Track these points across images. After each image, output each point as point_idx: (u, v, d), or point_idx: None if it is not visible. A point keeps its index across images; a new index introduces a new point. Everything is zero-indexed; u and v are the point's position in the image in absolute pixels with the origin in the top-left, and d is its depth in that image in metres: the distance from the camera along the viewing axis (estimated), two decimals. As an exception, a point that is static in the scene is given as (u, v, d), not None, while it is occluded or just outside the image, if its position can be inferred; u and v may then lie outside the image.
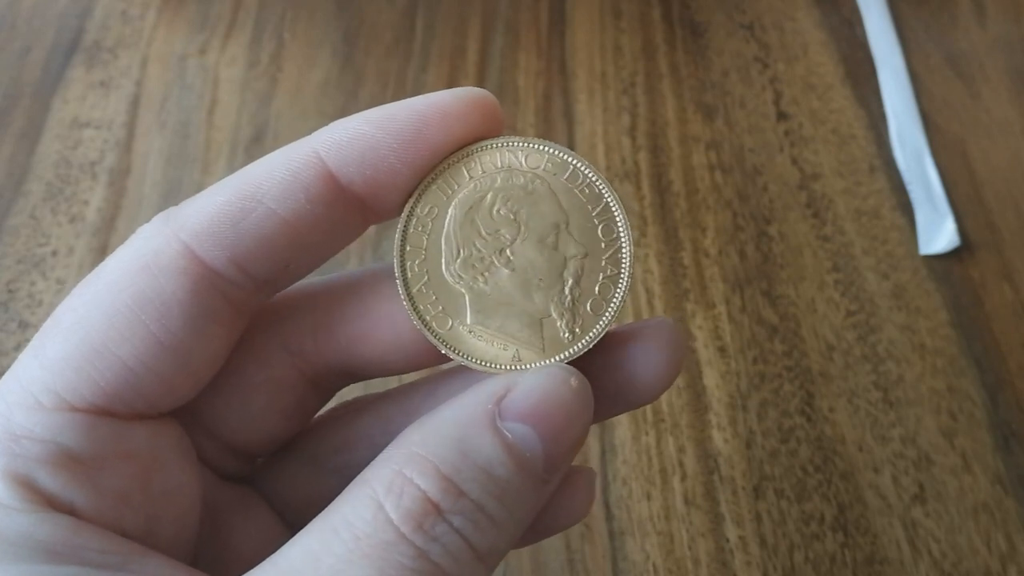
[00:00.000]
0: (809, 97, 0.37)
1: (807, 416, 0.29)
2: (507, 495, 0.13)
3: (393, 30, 0.39)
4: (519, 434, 0.13)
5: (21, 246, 0.32)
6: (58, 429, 0.13)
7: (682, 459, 0.28)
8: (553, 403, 0.13)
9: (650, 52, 0.38)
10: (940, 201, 0.33)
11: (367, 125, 0.15)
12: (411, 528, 0.12)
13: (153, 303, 0.14)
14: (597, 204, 0.16)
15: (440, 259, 0.15)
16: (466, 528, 0.12)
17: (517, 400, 0.13)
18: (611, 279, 0.16)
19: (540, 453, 0.13)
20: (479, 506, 0.13)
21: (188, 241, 0.14)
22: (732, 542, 0.26)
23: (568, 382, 0.14)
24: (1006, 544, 0.26)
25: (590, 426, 0.14)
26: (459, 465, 0.13)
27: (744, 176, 0.34)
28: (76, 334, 0.14)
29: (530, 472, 0.13)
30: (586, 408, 0.14)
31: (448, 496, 0.12)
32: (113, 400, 0.14)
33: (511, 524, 0.13)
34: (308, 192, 0.14)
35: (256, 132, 0.35)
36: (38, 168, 0.34)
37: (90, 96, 0.36)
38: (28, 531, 0.12)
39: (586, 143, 0.35)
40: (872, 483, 0.27)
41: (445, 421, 0.13)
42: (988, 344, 0.30)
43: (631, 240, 0.16)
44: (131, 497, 0.14)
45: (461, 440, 0.13)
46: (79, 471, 0.13)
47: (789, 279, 0.32)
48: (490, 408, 0.13)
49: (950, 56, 0.38)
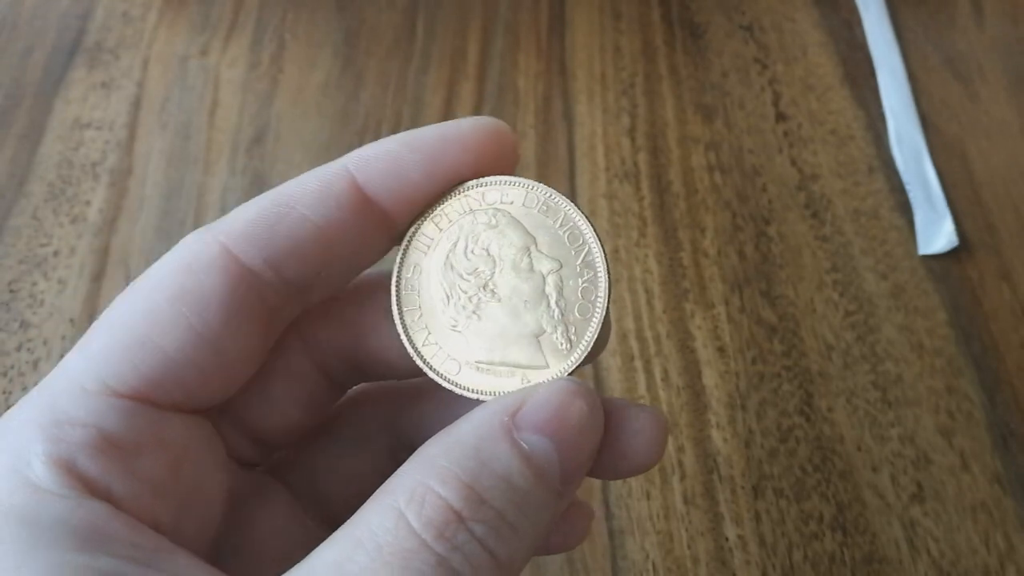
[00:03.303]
0: (808, 98, 0.37)
1: (806, 416, 0.29)
2: (526, 505, 0.13)
3: (394, 31, 0.39)
4: (535, 445, 0.14)
5: (23, 246, 0.32)
6: (100, 414, 0.14)
7: (681, 458, 0.28)
8: (566, 415, 0.14)
9: (650, 53, 0.38)
10: (939, 201, 0.34)
11: (394, 144, 0.16)
12: (433, 536, 0.12)
13: (193, 297, 0.15)
14: (557, 216, 0.17)
15: (434, 310, 0.16)
16: (487, 537, 0.13)
17: (531, 412, 0.14)
18: (590, 281, 0.16)
19: (556, 464, 0.14)
20: (500, 515, 0.13)
21: (226, 242, 0.15)
22: (731, 541, 0.26)
23: (579, 394, 0.14)
24: (1004, 543, 0.27)
25: (600, 439, 0.15)
26: (479, 474, 0.13)
27: (743, 177, 0.35)
28: (119, 328, 0.15)
29: (547, 483, 0.13)
30: (597, 420, 0.14)
31: (470, 504, 0.13)
32: (154, 387, 0.14)
33: (530, 534, 0.13)
34: (338, 200, 0.15)
35: (257, 133, 0.36)
36: (40, 169, 0.34)
37: (91, 97, 0.36)
38: (63, 517, 0.13)
39: (586, 144, 0.35)
40: (871, 482, 0.28)
41: (463, 433, 0.14)
42: (986, 344, 0.30)
43: (598, 239, 0.16)
44: (164, 487, 0.14)
45: (480, 450, 0.13)
46: (118, 456, 0.14)
47: (788, 279, 0.32)
48: (506, 420, 0.14)
49: (948, 57, 0.38)
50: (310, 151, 0.35)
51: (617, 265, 0.32)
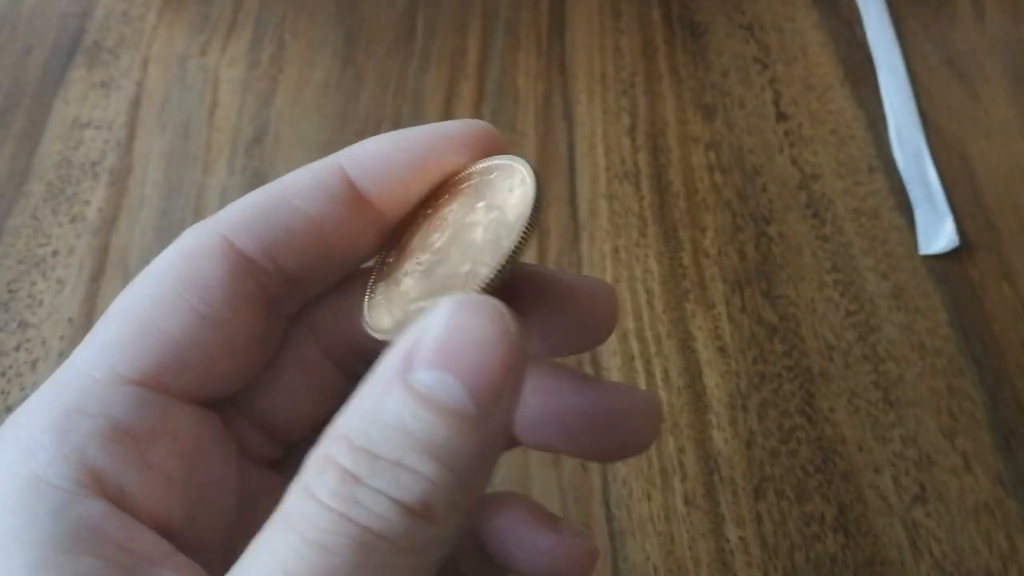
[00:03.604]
0: (808, 98, 0.37)
1: (807, 416, 0.29)
2: (432, 446, 0.12)
3: (394, 31, 0.39)
4: (431, 381, 0.12)
5: (22, 246, 0.32)
6: (110, 403, 0.14)
7: (682, 459, 0.28)
8: (462, 336, 0.13)
9: (650, 53, 0.38)
10: (939, 201, 0.34)
11: (384, 142, 0.16)
12: (329, 496, 0.12)
13: (195, 283, 0.15)
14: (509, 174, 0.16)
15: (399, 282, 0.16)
16: (388, 487, 0.12)
17: (423, 347, 0.13)
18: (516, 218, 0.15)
19: (462, 392, 0.12)
20: (397, 463, 0.12)
21: (224, 232, 0.15)
22: (732, 543, 0.26)
23: (466, 309, 0.13)
24: (1007, 544, 0.26)
25: (520, 343, 0.13)
26: (370, 431, 0.12)
27: (743, 176, 0.34)
28: (125, 317, 0.15)
29: (456, 415, 0.12)
30: (500, 325, 0.13)
31: (362, 463, 0.12)
32: (163, 371, 0.15)
33: (450, 473, 0.12)
34: (330, 194, 0.16)
35: (257, 132, 0.35)
36: (39, 168, 0.34)
37: (91, 96, 0.36)
38: (58, 512, 0.13)
39: (586, 144, 0.35)
40: (873, 483, 0.27)
41: (361, 396, 0.13)
42: (988, 344, 0.30)
43: (533, 175, 0.15)
44: (177, 479, 0.14)
45: (372, 409, 0.13)
46: (130, 446, 0.14)
47: (789, 279, 0.32)
48: (400, 366, 0.13)
49: (949, 57, 0.38)
50: (310, 151, 0.35)
51: (617, 265, 0.32)
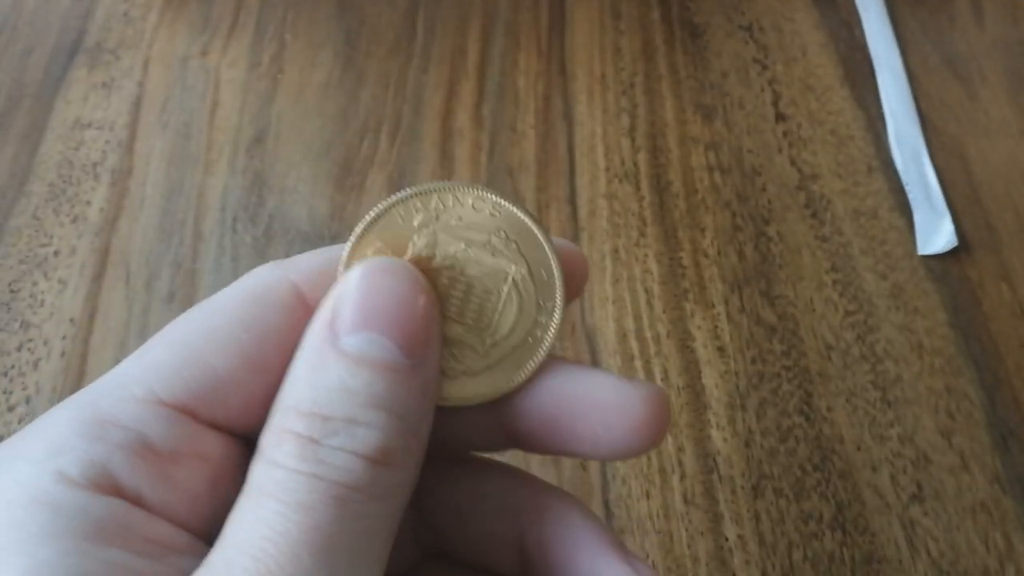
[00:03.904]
0: (808, 98, 0.37)
1: (806, 415, 0.29)
2: (375, 398, 0.13)
3: (394, 31, 0.39)
4: (360, 343, 0.13)
5: (23, 246, 0.32)
6: (142, 420, 0.14)
7: (681, 458, 0.28)
8: (378, 298, 0.14)
9: (649, 53, 0.38)
10: (938, 201, 0.34)
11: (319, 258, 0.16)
12: (295, 461, 0.13)
13: (254, 327, 0.15)
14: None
15: None
16: (346, 443, 0.13)
17: (344, 315, 0.14)
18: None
19: (391, 346, 0.14)
20: (350, 419, 0.13)
21: (296, 280, 0.15)
22: (731, 541, 0.26)
23: (374, 270, 0.14)
24: (1004, 543, 0.27)
25: (428, 291, 0.14)
26: (315, 398, 0.13)
27: (743, 177, 0.35)
28: (177, 343, 0.15)
29: (390, 367, 0.13)
30: (411, 280, 0.14)
31: (315, 425, 0.13)
32: (198, 401, 0.15)
33: (397, 419, 0.13)
34: None
35: (258, 133, 0.36)
36: (40, 169, 0.34)
37: (92, 97, 0.37)
38: (83, 507, 0.13)
39: (585, 144, 0.35)
40: (870, 482, 0.28)
41: (296, 369, 0.14)
42: (986, 344, 0.30)
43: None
44: (202, 499, 0.15)
45: (310, 378, 0.14)
46: (156, 463, 0.14)
47: (788, 279, 0.32)
48: (326, 335, 0.14)
49: (948, 57, 0.38)
50: (311, 151, 0.35)
51: (617, 265, 0.32)
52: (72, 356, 0.30)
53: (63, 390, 0.29)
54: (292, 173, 0.34)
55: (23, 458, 0.14)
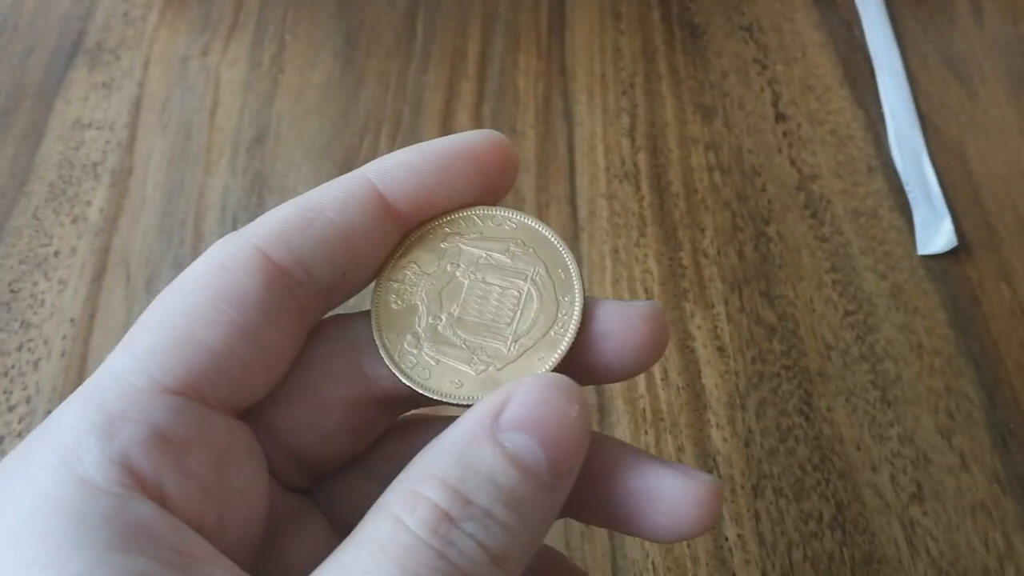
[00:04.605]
0: (807, 98, 0.37)
1: (805, 415, 0.29)
2: (515, 501, 0.14)
3: (394, 31, 0.39)
4: (519, 443, 0.14)
5: (24, 246, 0.32)
6: (151, 410, 0.14)
7: (681, 458, 0.28)
8: (548, 410, 0.14)
9: (649, 53, 0.38)
10: (938, 201, 0.34)
11: (409, 154, 0.17)
12: (428, 533, 0.13)
13: (232, 296, 0.15)
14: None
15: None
16: (478, 533, 0.13)
17: (512, 412, 0.14)
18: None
19: (543, 459, 0.14)
20: (488, 512, 0.13)
21: (259, 244, 0.16)
22: (731, 540, 0.26)
23: (557, 388, 0.15)
24: (1004, 543, 0.27)
25: (591, 427, 0.15)
26: (463, 476, 0.14)
27: (743, 177, 0.35)
28: (163, 327, 0.15)
29: (536, 478, 0.14)
30: (582, 411, 0.15)
31: (456, 504, 0.13)
32: (203, 381, 0.15)
33: (524, 529, 0.14)
34: (362, 205, 0.17)
35: (258, 133, 0.36)
36: (40, 169, 0.34)
37: (92, 97, 0.37)
38: (108, 515, 0.13)
39: (585, 144, 0.35)
40: (870, 482, 0.28)
41: (448, 442, 0.14)
42: (986, 344, 0.30)
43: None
44: (211, 486, 0.15)
45: (464, 454, 0.14)
46: (170, 452, 0.14)
47: (787, 279, 0.32)
48: (488, 423, 0.14)
49: (948, 57, 0.38)
50: (311, 151, 0.35)
51: (617, 265, 0.32)
52: (72, 356, 0.30)
53: (63, 390, 0.29)
54: (292, 173, 0.34)
55: (40, 466, 0.14)
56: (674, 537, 0.16)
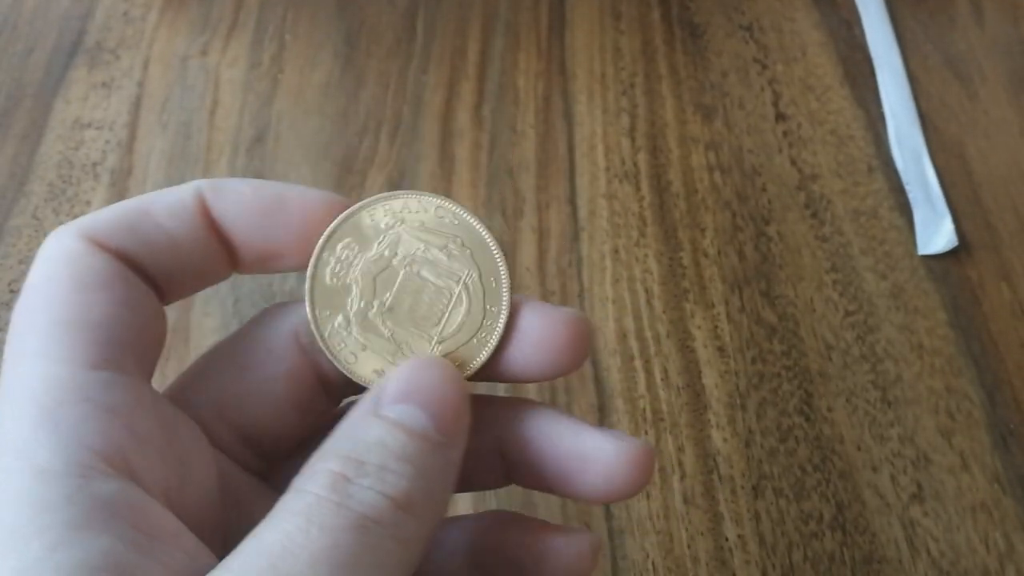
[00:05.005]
0: (808, 98, 0.37)
1: (806, 415, 0.29)
2: (407, 456, 0.15)
3: (394, 31, 0.39)
4: (401, 412, 0.15)
5: (23, 246, 0.32)
6: (86, 387, 0.15)
7: (681, 458, 0.28)
8: (424, 380, 0.16)
9: (649, 53, 0.38)
10: (938, 201, 0.34)
11: (244, 184, 0.17)
12: (327, 491, 0.14)
13: (89, 276, 0.15)
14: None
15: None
16: (376, 484, 0.14)
17: (391, 388, 0.16)
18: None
19: (427, 420, 0.15)
20: (382, 466, 0.14)
21: (89, 234, 0.16)
22: (731, 541, 0.26)
23: (428, 364, 0.16)
24: (1004, 543, 0.27)
25: (466, 388, 0.16)
26: (355, 447, 0.15)
27: (743, 177, 0.35)
28: (43, 320, 0.15)
29: (424, 438, 0.15)
30: (451, 374, 0.16)
31: (350, 466, 0.14)
32: (111, 352, 0.15)
33: (423, 479, 0.15)
34: (189, 213, 0.17)
35: (258, 133, 0.36)
36: (40, 169, 0.34)
37: (92, 97, 0.37)
38: (70, 495, 0.13)
39: (585, 144, 0.35)
40: (870, 482, 0.28)
41: (340, 428, 0.15)
42: (986, 344, 0.30)
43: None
44: (165, 451, 0.15)
45: (353, 433, 0.15)
46: (120, 421, 0.14)
47: (788, 279, 0.32)
48: (371, 406, 0.16)
49: (948, 57, 0.38)
50: (310, 151, 0.35)
51: (617, 265, 0.32)
52: (72, 356, 0.30)
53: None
54: (292, 173, 0.34)
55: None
56: (609, 497, 0.17)
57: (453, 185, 0.34)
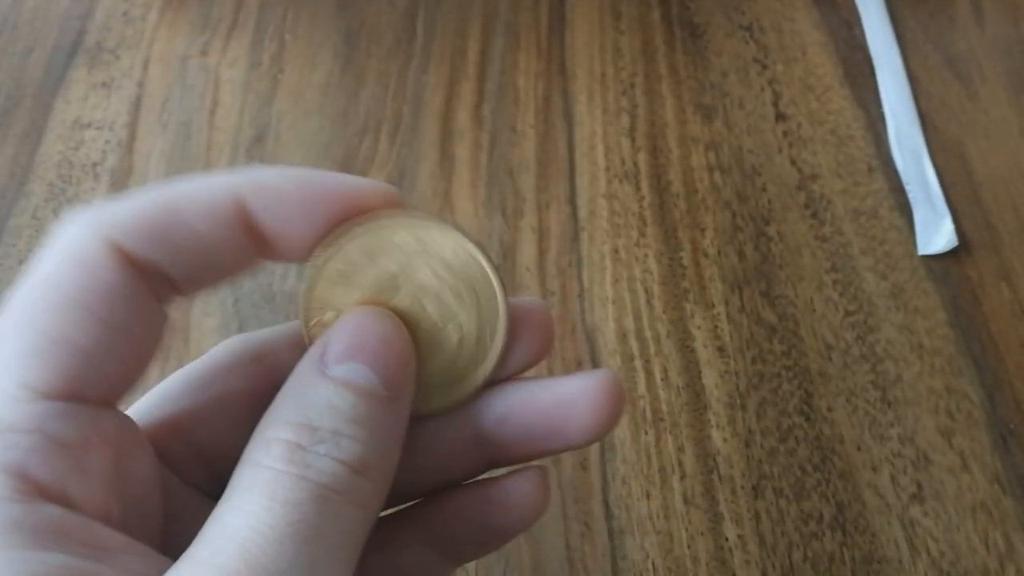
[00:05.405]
0: (808, 98, 0.37)
1: (806, 415, 0.29)
2: (359, 417, 0.15)
3: (394, 31, 0.39)
4: (348, 371, 0.15)
5: (23, 246, 0.32)
6: (41, 418, 0.14)
7: (681, 458, 0.28)
8: (365, 335, 0.16)
9: (649, 53, 0.38)
10: (938, 201, 0.34)
11: (283, 178, 0.17)
12: (284, 464, 0.14)
13: (95, 291, 0.15)
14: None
15: None
16: (332, 451, 0.14)
17: (334, 347, 0.16)
18: None
19: (374, 377, 0.15)
20: (335, 431, 0.14)
21: (115, 238, 0.15)
22: (731, 541, 0.26)
23: (366, 315, 0.16)
24: (1004, 543, 0.27)
25: (407, 337, 0.16)
26: (304, 412, 0.15)
27: (743, 177, 0.35)
28: (28, 330, 0.15)
29: (372, 395, 0.15)
30: (394, 325, 0.16)
31: (304, 433, 0.14)
32: (80, 383, 0.15)
33: (375, 439, 0.15)
34: (224, 215, 0.16)
35: (258, 133, 0.36)
36: (40, 169, 0.34)
37: (92, 97, 0.37)
38: (18, 519, 0.13)
39: (585, 144, 0.35)
40: (870, 482, 0.28)
41: (285, 392, 0.15)
42: (986, 344, 0.30)
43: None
44: (111, 480, 0.15)
45: (301, 396, 0.15)
46: (68, 455, 0.14)
47: (788, 279, 0.32)
48: (315, 365, 0.15)
49: (948, 57, 0.38)
50: (310, 151, 0.35)
51: (617, 265, 0.32)
52: (72, 356, 0.30)
53: (63, 390, 0.29)
54: (292, 173, 0.34)
55: None
56: (597, 432, 0.17)
57: (453, 185, 0.34)
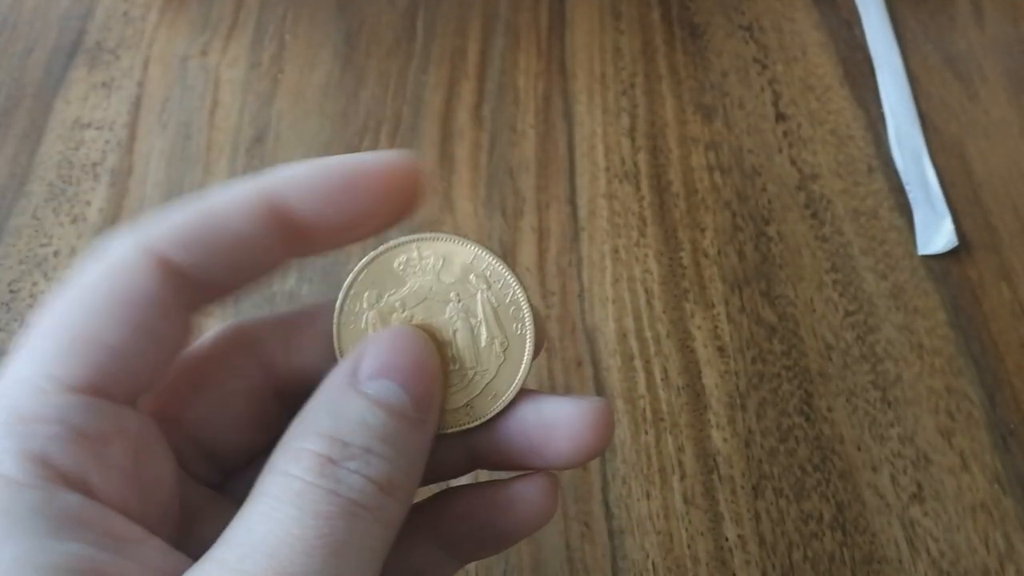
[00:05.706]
0: (808, 98, 0.37)
1: (806, 415, 0.29)
2: (388, 436, 0.15)
3: (394, 31, 0.39)
4: (381, 388, 0.16)
5: (23, 246, 0.32)
6: (64, 410, 0.15)
7: (681, 458, 0.28)
8: (400, 355, 0.16)
9: (649, 53, 0.38)
10: (938, 201, 0.34)
11: (314, 169, 0.17)
12: (315, 476, 0.14)
13: (129, 297, 0.16)
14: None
15: None
16: (362, 468, 0.15)
17: (368, 363, 0.16)
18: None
19: (405, 397, 0.16)
20: (366, 448, 0.15)
21: (155, 247, 0.16)
22: (731, 541, 0.26)
23: (403, 335, 0.17)
24: (1004, 543, 0.27)
25: (439, 363, 0.17)
26: (337, 425, 0.15)
27: (743, 177, 0.35)
28: (61, 329, 0.15)
29: (402, 415, 0.16)
30: (427, 347, 0.17)
31: (336, 448, 0.15)
32: (106, 379, 0.15)
33: (402, 459, 0.15)
34: (258, 215, 0.17)
35: (258, 133, 0.36)
36: (40, 169, 0.34)
37: (92, 97, 0.37)
38: (36, 506, 0.13)
39: (585, 144, 0.35)
40: (870, 482, 0.28)
41: (317, 403, 0.16)
42: (986, 344, 0.30)
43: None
44: (130, 475, 0.15)
45: (333, 409, 0.15)
46: (89, 447, 0.15)
47: (788, 279, 0.32)
48: (349, 379, 0.16)
49: (948, 57, 0.38)
50: (310, 151, 0.35)
51: (617, 265, 0.32)
52: (72, 356, 0.30)
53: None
54: (292, 173, 0.34)
55: None
56: (575, 460, 0.18)
57: (453, 185, 0.34)
